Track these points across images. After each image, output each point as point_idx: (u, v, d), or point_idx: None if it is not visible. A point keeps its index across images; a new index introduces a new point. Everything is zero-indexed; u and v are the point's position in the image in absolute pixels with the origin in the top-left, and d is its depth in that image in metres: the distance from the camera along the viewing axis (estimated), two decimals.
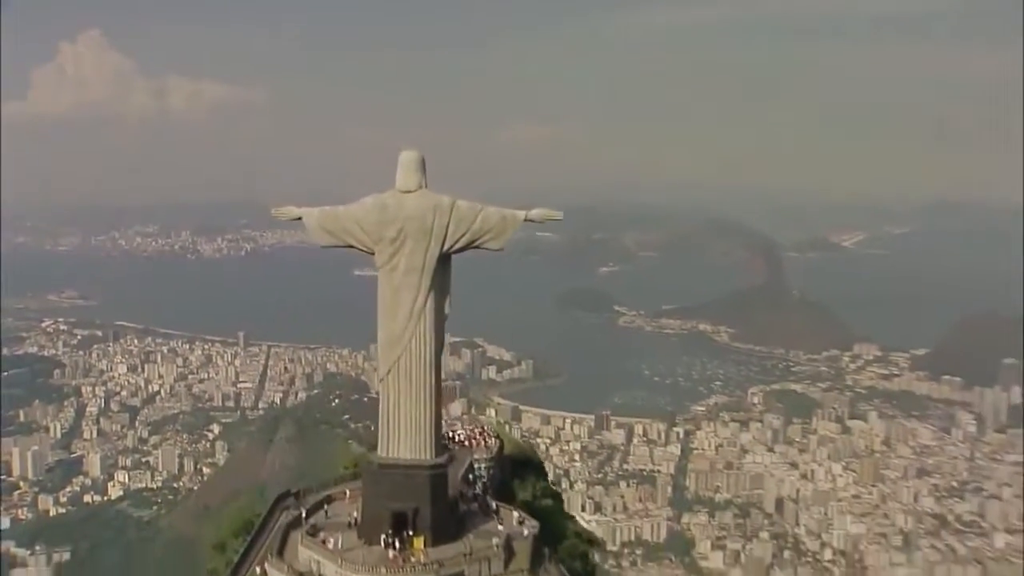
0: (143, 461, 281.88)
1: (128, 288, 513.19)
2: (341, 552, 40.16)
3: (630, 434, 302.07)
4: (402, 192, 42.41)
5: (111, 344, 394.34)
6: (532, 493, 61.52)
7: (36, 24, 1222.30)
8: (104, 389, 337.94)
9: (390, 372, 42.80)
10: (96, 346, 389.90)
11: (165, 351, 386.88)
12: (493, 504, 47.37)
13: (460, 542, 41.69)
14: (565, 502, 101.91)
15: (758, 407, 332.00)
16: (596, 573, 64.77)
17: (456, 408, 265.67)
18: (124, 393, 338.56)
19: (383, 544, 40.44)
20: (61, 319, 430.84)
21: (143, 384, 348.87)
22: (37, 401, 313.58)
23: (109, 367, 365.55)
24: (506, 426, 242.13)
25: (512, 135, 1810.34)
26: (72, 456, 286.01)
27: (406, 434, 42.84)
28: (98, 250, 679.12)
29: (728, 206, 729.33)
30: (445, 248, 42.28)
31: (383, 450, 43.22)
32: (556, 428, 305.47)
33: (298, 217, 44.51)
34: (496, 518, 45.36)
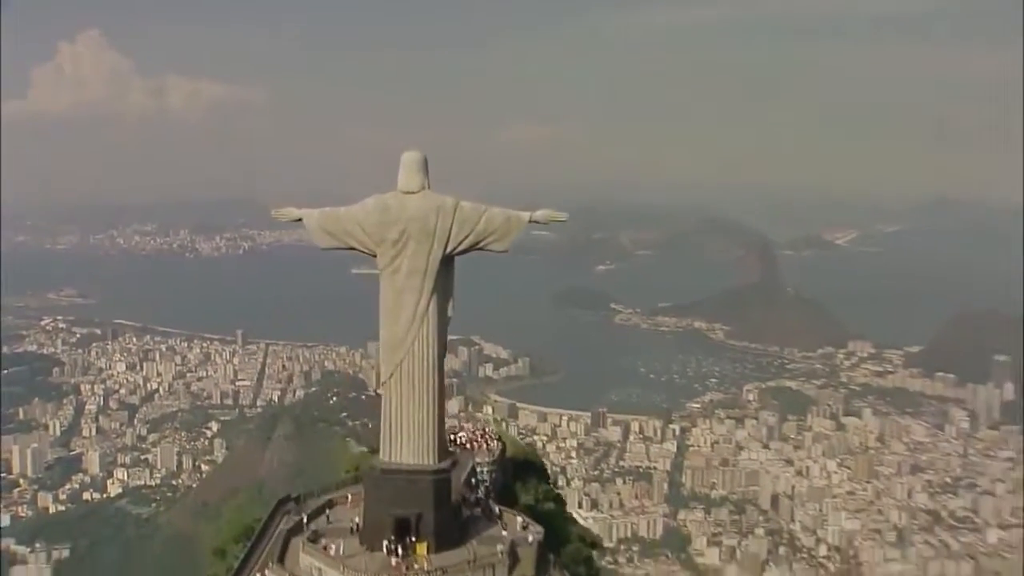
0: (142, 459, 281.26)
1: (127, 286, 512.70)
2: (343, 559, 39.62)
3: (626, 431, 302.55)
4: (404, 193, 41.81)
5: (110, 342, 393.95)
6: (535, 496, 60.83)
7: (36, 24, 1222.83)
8: (103, 387, 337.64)
9: (392, 376, 42.14)
10: (95, 344, 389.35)
11: (164, 349, 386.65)
12: (496, 509, 46.73)
13: (464, 548, 41.22)
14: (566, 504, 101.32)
15: (753, 404, 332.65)
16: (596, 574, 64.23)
17: (453, 406, 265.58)
18: (123, 391, 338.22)
19: (385, 551, 39.91)
20: (60, 317, 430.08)
21: (142, 382, 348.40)
22: (36, 399, 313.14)
23: (108, 365, 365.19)
24: (503, 424, 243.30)
25: (512, 135, 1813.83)
26: (71, 454, 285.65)
27: (409, 439, 42.22)
28: (97, 248, 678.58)
29: (725, 205, 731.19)
30: (448, 250, 41.70)
31: (385, 455, 42.57)
32: (552, 425, 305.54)
33: (298, 219, 43.94)
34: (500, 523, 44.83)
